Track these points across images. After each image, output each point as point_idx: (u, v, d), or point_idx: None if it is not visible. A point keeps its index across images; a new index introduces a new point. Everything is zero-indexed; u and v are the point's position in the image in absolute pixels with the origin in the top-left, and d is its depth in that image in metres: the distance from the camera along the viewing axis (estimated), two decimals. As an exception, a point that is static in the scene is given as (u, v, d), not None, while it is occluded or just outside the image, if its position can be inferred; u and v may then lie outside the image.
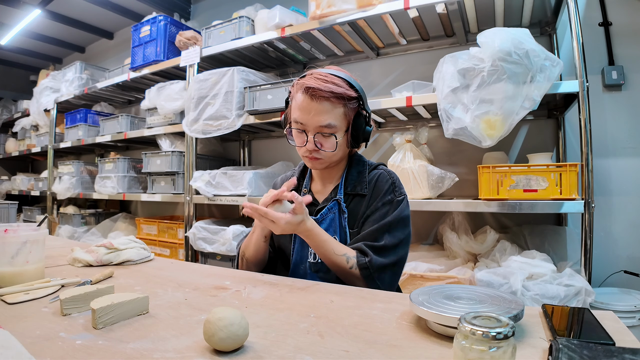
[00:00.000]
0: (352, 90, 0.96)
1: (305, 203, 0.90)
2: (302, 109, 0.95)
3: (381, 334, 0.59)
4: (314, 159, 1.00)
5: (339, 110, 0.95)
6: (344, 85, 0.95)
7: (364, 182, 1.04)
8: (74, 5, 3.38)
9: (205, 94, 2.26)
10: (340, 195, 1.03)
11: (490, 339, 0.41)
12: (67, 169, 3.37)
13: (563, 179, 1.46)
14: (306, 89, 0.94)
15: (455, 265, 1.76)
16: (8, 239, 0.82)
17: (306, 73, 1.00)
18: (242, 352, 0.53)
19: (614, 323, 0.61)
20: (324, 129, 0.95)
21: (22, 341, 0.55)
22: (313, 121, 0.94)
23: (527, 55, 1.42)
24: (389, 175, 1.04)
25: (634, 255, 1.77)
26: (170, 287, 0.86)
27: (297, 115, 0.97)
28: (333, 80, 0.95)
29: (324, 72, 0.97)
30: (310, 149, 0.98)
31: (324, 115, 0.94)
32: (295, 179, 0.96)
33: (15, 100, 4.69)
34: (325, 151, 0.98)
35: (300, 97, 0.96)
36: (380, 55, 2.40)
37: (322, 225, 1.02)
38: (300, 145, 0.99)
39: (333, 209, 1.03)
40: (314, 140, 0.96)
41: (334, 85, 0.93)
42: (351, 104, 0.97)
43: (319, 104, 0.93)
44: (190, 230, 2.34)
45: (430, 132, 2.03)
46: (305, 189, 1.11)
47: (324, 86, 0.92)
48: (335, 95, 0.93)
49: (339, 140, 0.97)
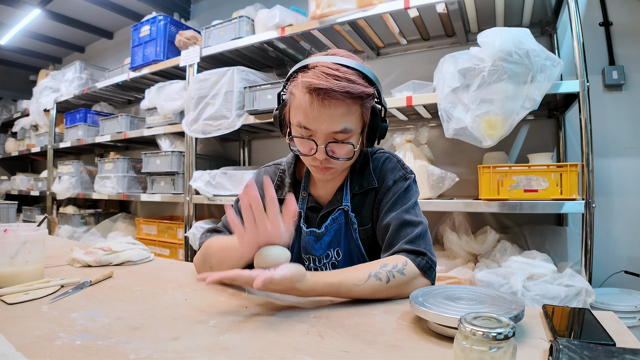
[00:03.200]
0: (370, 87, 0.78)
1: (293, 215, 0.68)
2: (311, 115, 0.76)
3: (381, 334, 0.59)
4: (325, 170, 0.84)
5: (356, 112, 0.78)
6: (361, 81, 0.76)
7: (369, 174, 0.91)
8: (73, 5, 3.38)
9: (205, 93, 2.26)
10: (346, 202, 0.90)
11: (490, 340, 0.41)
12: (67, 169, 3.37)
13: (563, 179, 1.46)
14: (314, 90, 0.74)
15: (456, 265, 1.76)
16: (7, 239, 0.82)
17: (308, 63, 0.79)
18: (242, 352, 0.53)
19: (614, 323, 0.61)
20: (338, 135, 0.78)
21: (21, 341, 0.55)
22: (325, 128, 0.76)
23: (528, 55, 1.42)
24: (391, 155, 0.94)
25: (634, 256, 1.77)
26: (170, 287, 0.85)
27: (302, 119, 0.78)
28: (347, 75, 0.75)
29: (333, 65, 0.76)
30: (321, 159, 0.80)
31: (339, 121, 0.76)
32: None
33: (15, 100, 4.69)
34: (339, 159, 0.81)
35: (306, 99, 0.76)
36: (380, 55, 2.40)
37: (325, 239, 0.90)
38: (307, 154, 0.81)
39: (339, 219, 0.90)
40: (326, 150, 0.79)
41: (349, 84, 0.74)
42: (368, 101, 0.80)
43: (333, 109, 0.75)
44: (190, 230, 2.33)
45: (430, 132, 2.03)
46: (304, 192, 0.95)
47: (337, 86, 0.73)
48: (352, 96, 0.75)
49: (357, 148, 0.81)
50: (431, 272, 0.80)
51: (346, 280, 0.72)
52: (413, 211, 0.86)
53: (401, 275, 0.75)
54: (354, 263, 0.92)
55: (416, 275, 0.77)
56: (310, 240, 0.92)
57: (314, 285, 0.70)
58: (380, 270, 0.74)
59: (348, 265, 0.91)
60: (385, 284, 0.73)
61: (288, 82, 0.83)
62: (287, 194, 0.94)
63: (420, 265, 0.78)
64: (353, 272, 0.74)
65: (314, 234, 0.91)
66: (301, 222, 0.94)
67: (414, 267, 0.77)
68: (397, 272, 0.75)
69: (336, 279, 0.72)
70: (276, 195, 0.90)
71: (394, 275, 0.74)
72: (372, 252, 0.93)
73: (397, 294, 0.75)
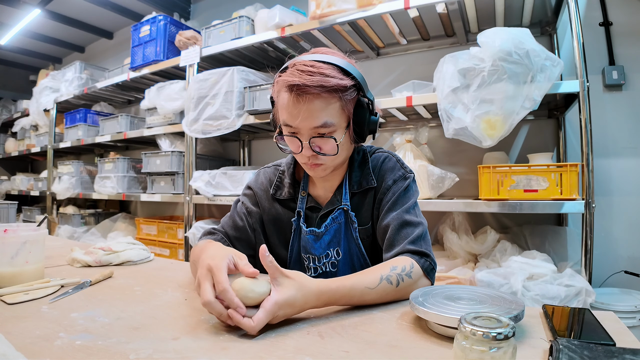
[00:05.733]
0: (347, 79, 0.79)
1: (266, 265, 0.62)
2: (290, 112, 0.79)
3: (381, 334, 0.59)
4: (315, 166, 0.85)
5: (335, 106, 0.79)
6: (335, 75, 0.77)
7: (368, 173, 0.92)
8: (73, 5, 3.38)
9: (205, 93, 2.26)
10: (346, 201, 0.91)
11: (490, 340, 0.41)
12: (67, 169, 3.37)
13: (563, 179, 1.46)
14: (290, 87, 0.77)
15: (456, 265, 1.75)
16: (8, 239, 0.82)
17: (287, 64, 0.82)
18: (242, 352, 0.53)
19: (614, 323, 0.61)
20: (320, 130, 0.79)
21: (21, 341, 0.55)
22: (305, 124, 0.79)
23: (528, 55, 1.42)
24: (390, 154, 0.95)
25: (634, 256, 1.77)
26: (170, 287, 0.85)
27: (285, 117, 0.81)
28: (321, 69, 0.77)
29: (308, 61, 0.78)
30: (308, 155, 0.83)
31: (317, 115, 0.78)
32: None
33: (15, 100, 4.69)
34: (325, 155, 0.83)
35: (285, 97, 0.79)
36: (380, 55, 2.40)
37: (325, 238, 0.91)
38: (295, 151, 0.84)
39: (338, 219, 0.91)
40: (310, 146, 0.81)
41: (322, 77, 0.76)
42: (348, 94, 0.80)
43: (309, 104, 0.77)
44: (190, 230, 2.33)
45: (430, 132, 2.03)
46: (303, 192, 0.96)
47: (310, 81, 0.75)
48: (326, 89, 0.76)
49: (340, 141, 0.82)
50: (433, 273, 0.81)
51: (359, 283, 0.70)
52: (413, 211, 0.87)
53: (409, 279, 0.76)
54: (354, 262, 0.92)
55: (420, 277, 0.79)
56: (310, 239, 0.93)
57: (325, 289, 0.66)
58: (391, 274, 0.74)
59: (348, 265, 0.92)
60: (395, 288, 0.74)
61: (273, 84, 0.86)
62: (286, 194, 0.95)
63: (424, 267, 0.79)
64: (364, 275, 0.73)
65: (314, 233, 0.92)
66: (301, 222, 0.94)
67: (419, 269, 0.79)
68: (405, 276, 0.75)
69: (348, 282, 0.70)
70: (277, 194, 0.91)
71: (403, 279, 0.75)
72: (372, 251, 0.93)
73: (401, 297, 0.76)
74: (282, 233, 0.98)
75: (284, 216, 0.97)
